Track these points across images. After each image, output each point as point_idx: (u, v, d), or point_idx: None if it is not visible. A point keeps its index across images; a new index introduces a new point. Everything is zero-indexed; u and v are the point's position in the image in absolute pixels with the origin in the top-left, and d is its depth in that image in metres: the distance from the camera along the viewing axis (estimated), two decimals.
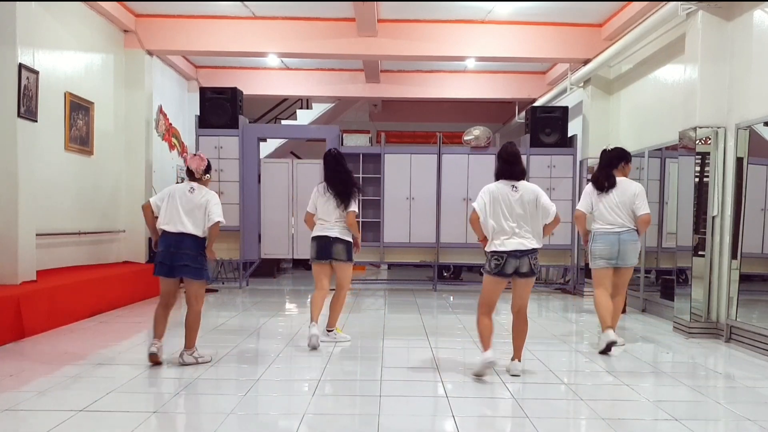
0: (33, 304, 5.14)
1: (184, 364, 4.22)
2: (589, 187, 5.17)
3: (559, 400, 3.67)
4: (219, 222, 4.27)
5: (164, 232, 4.26)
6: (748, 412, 3.42)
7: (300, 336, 5.32)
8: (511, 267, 4.01)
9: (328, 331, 5.18)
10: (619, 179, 5.05)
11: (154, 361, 4.18)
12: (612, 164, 5.08)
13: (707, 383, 4.15)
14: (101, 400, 3.44)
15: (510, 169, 4.15)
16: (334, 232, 4.97)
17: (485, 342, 4.09)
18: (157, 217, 4.29)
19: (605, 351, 4.81)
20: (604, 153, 5.19)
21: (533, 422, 3.19)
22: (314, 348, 4.81)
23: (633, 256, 4.98)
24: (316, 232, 5.04)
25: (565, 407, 3.55)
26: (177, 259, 4.19)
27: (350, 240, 5.06)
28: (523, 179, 4.17)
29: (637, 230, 4.98)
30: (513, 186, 4.09)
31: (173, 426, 3.22)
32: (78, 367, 4.16)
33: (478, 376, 4.07)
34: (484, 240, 4.17)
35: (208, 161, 4.46)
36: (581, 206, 5.14)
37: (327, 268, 5.08)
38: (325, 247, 4.98)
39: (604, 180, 5.03)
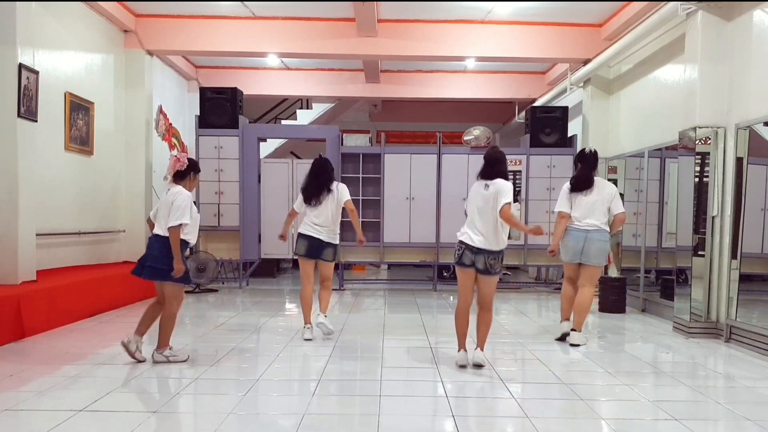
0: (33, 304, 5.14)
1: (155, 362, 4.24)
2: (565, 188, 5.33)
3: (559, 400, 3.68)
4: (174, 227, 4.01)
5: None
6: (748, 412, 3.43)
7: (300, 335, 5.33)
8: (467, 259, 4.24)
9: (324, 316, 5.32)
10: (596, 179, 5.28)
11: (124, 348, 4.21)
12: (594, 166, 5.31)
13: (707, 383, 4.16)
14: (101, 400, 3.44)
15: (487, 169, 4.37)
16: (324, 236, 5.20)
17: (459, 340, 4.38)
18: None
19: (561, 338, 5.31)
20: (589, 155, 5.30)
21: (533, 422, 3.19)
22: (308, 339, 5.18)
23: (598, 255, 5.18)
24: (307, 231, 5.22)
25: (565, 407, 3.55)
26: (145, 260, 4.23)
27: (337, 243, 5.31)
28: (499, 178, 4.34)
29: (608, 231, 5.18)
30: (486, 184, 4.30)
31: (173, 426, 3.22)
32: (78, 367, 4.16)
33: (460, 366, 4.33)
34: None
35: (190, 162, 4.35)
36: (564, 208, 5.27)
37: (313, 263, 5.31)
38: (315, 248, 5.22)
39: (586, 181, 5.22)
